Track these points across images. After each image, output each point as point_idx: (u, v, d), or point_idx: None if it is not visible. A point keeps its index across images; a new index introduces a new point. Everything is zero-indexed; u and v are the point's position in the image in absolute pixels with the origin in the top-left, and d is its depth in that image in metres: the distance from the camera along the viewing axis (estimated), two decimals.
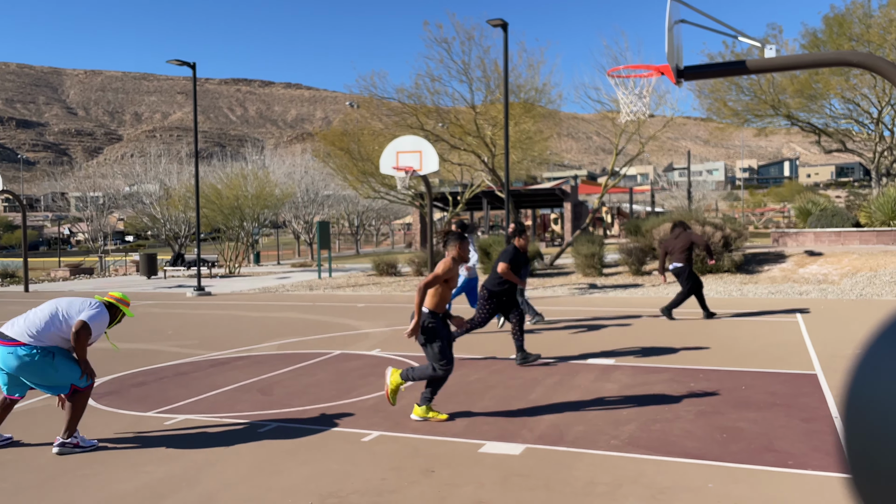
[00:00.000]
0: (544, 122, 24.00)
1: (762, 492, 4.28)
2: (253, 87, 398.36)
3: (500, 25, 15.68)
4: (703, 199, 66.42)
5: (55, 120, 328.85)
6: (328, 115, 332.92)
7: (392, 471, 4.80)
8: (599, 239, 20.46)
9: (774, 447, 5.09)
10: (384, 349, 9.59)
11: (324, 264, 25.49)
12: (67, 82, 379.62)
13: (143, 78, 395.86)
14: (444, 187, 35.21)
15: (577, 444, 5.28)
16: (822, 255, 19.27)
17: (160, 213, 35.24)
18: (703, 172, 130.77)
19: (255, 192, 30.00)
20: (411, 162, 15.84)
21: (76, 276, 28.87)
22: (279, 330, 11.75)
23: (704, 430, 5.53)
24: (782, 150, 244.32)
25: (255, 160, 40.44)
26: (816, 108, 31.38)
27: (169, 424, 6.10)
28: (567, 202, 37.27)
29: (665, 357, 8.54)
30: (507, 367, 8.16)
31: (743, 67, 6.46)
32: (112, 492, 4.54)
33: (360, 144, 25.70)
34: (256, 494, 4.44)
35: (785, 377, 7.32)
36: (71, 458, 5.23)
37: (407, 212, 51.75)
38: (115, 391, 7.47)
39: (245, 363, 8.86)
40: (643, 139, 20.82)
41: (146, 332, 11.83)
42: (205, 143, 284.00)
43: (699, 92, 31.54)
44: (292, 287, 19.97)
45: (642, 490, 4.36)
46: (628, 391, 6.88)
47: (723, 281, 17.04)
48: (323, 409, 6.50)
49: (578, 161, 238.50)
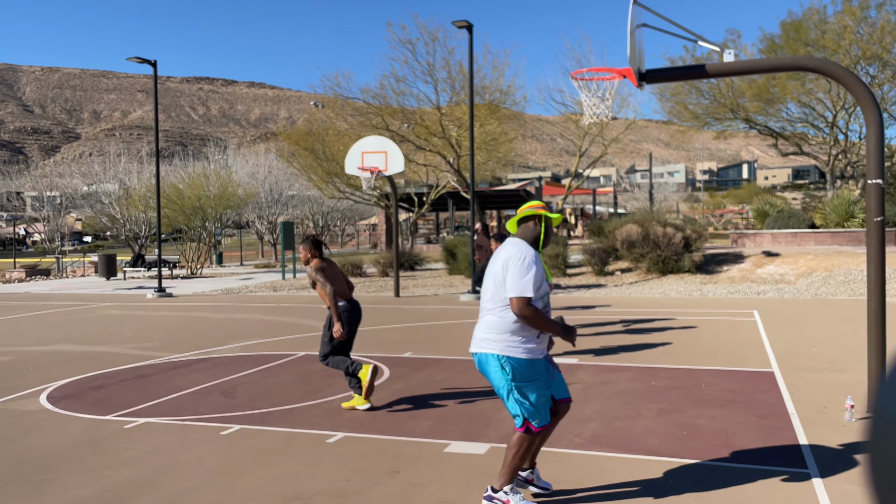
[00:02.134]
0: (509, 123, 24.15)
1: (722, 488, 4.37)
2: (215, 86, 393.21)
3: (465, 27, 15.73)
4: (665, 201, 67.44)
5: (10, 118, 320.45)
6: (292, 114, 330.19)
7: (357, 472, 4.79)
8: (563, 240, 20.65)
9: (733, 444, 5.19)
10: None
11: (288, 265, 25.27)
12: (23, 79, 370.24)
13: (102, 75, 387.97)
14: (409, 188, 35.18)
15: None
16: (779, 256, 19.72)
17: (120, 214, 34.55)
18: (665, 174, 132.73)
19: (217, 192, 29.60)
20: (377, 162, 15.80)
21: (32, 277, 28.16)
22: (242, 331, 11.63)
23: (665, 428, 5.62)
24: (741, 152, 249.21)
25: (217, 160, 39.89)
26: (774, 112, 32.11)
27: (129, 428, 6.00)
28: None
29: (627, 355, 8.66)
30: (472, 368, 8.19)
31: (703, 71, 6.58)
32: (70, 497, 4.45)
33: (325, 144, 25.56)
34: (218, 498, 4.39)
35: (743, 375, 7.48)
36: (26, 464, 5.12)
37: (372, 212, 51.57)
38: (73, 394, 7.31)
39: (207, 365, 8.75)
40: (606, 141, 21.08)
41: (105, 335, 11.60)
42: (166, 142, 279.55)
43: (661, 95, 32.03)
44: (256, 288, 19.77)
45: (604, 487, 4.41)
46: (591, 390, 6.96)
47: (683, 281, 17.32)
48: (287, 410, 6.46)
49: (543, 163, 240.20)
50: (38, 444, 5.61)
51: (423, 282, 19.64)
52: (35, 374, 8.43)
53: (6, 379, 8.21)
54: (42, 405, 6.90)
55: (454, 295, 16.53)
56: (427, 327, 11.55)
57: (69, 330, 12.32)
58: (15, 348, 10.44)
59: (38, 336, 11.66)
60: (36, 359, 9.51)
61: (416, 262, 23.83)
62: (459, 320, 12.29)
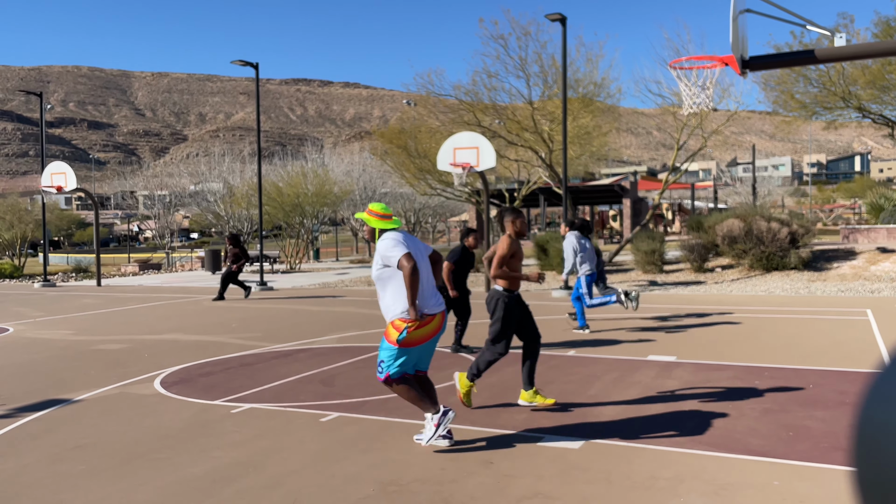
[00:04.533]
0: (603, 117, 23.69)
1: (829, 490, 4.17)
2: (312, 87, 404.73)
3: (558, 20, 15.57)
4: (769, 195, 64.42)
5: (124, 121, 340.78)
6: (385, 113, 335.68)
7: (451, 461, 4.85)
8: (660, 235, 20.12)
9: (843, 446, 4.94)
10: (442, 343, 9.66)
11: None
12: (136, 84, 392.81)
13: (206, 79, 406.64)
14: (500, 184, 35.11)
15: (637, 439, 5.24)
16: (895, 252, 18.53)
17: (224, 211, 36.17)
18: (769, 168, 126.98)
19: (314, 190, 30.52)
20: (468, 158, 15.87)
21: (145, 271, 29.93)
22: (339, 323, 11.96)
23: (769, 428, 5.41)
24: (853, 144, 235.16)
25: (314, 159, 41.12)
26: (889, 99, 30.07)
27: (235, 413, 6.30)
28: (626, 198, 36.72)
29: (728, 354, 8.36)
30: (565, 363, 8.12)
31: (811, 57, 6.27)
32: (182, 475, 4.73)
33: (417, 142, 25.85)
34: (320, 481, 4.55)
35: (855, 376, 7.09)
36: (143, 443, 5.46)
37: (463, 209, 51.80)
38: (184, 380, 7.74)
39: (307, 355, 9.06)
40: (706, 133, 20.35)
41: (212, 325, 12.20)
42: (266, 142, 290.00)
43: (765, 84, 30.61)
44: (351, 282, 20.27)
45: (704, 486, 4.30)
46: (690, 388, 6.78)
47: (789, 278, 16.54)
48: (382, 400, 6.61)
49: (638, 157, 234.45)
50: (154, 425, 5.98)
51: None
52: (149, 361, 8.97)
53: (123, 365, 8.77)
54: (156, 390, 7.34)
55: (546, 291, 16.41)
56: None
57: (179, 320, 13.03)
58: (130, 336, 11.14)
59: (151, 325, 12.39)
60: (150, 346, 10.11)
61: None
62: (551, 316, 12.20)
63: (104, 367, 8.60)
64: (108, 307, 15.63)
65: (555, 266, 19.76)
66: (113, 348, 10.02)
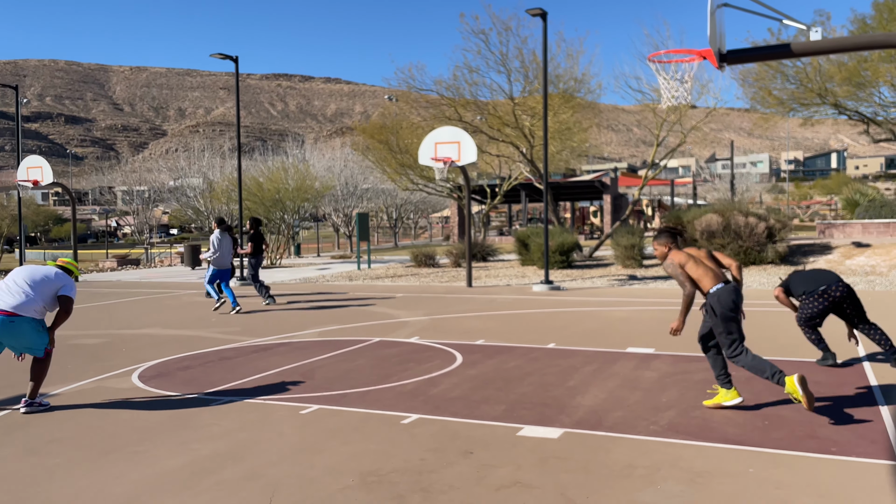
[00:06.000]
0: (583, 112, 23.80)
1: (803, 477, 4.24)
2: (293, 82, 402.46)
3: (538, 15, 15.60)
4: (747, 192, 65.13)
5: (102, 116, 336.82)
6: (367, 109, 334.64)
7: (431, 452, 4.87)
8: (640, 231, 20.27)
9: (817, 434, 5.02)
10: (422, 337, 9.68)
11: (363, 256, 25.72)
12: (114, 78, 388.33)
13: (186, 74, 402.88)
14: (482, 180, 35.16)
15: (615, 428, 5.29)
16: (869, 247, 18.82)
17: (204, 206, 35.91)
18: (747, 164, 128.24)
19: (295, 185, 30.38)
20: (450, 153, 15.88)
21: (123, 267, 29.62)
22: (319, 318, 11.93)
23: (745, 418, 5.48)
24: (829, 141, 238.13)
25: (295, 154, 40.91)
26: (865, 96, 30.48)
27: (215, 406, 6.27)
28: (606, 194, 36.94)
29: None
30: (545, 356, 8.17)
31: (788, 51, 6.35)
32: (161, 468, 4.70)
33: (399, 137, 25.81)
34: (299, 472, 4.55)
35: (830, 367, 7.20)
36: (121, 436, 5.42)
37: (445, 205, 51.82)
38: (163, 374, 7.68)
39: (287, 349, 9.03)
40: (685, 130, 20.51)
41: (191, 320, 12.11)
42: (246, 137, 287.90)
43: (742, 80, 30.88)
44: (332, 277, 20.21)
45: (681, 473, 4.35)
46: (668, 379, 6.84)
47: (766, 272, 16.74)
48: (363, 392, 6.61)
49: (618, 153, 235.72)
50: (132, 418, 5.94)
51: (495, 272, 19.64)
52: (127, 356, 8.90)
53: (101, 359, 8.69)
54: (134, 383, 7.28)
55: (527, 285, 16.48)
56: (499, 316, 11.57)
57: (158, 315, 12.93)
58: (108, 331, 11.03)
59: (129, 320, 12.28)
60: (128, 341, 10.02)
61: (489, 254, 23.85)
62: (532, 310, 12.26)
63: (81, 362, 8.52)
64: (85, 302, 15.46)
65: (535, 261, 19.84)
66: (90, 343, 9.93)
